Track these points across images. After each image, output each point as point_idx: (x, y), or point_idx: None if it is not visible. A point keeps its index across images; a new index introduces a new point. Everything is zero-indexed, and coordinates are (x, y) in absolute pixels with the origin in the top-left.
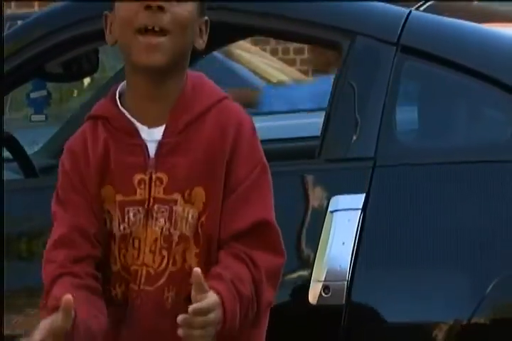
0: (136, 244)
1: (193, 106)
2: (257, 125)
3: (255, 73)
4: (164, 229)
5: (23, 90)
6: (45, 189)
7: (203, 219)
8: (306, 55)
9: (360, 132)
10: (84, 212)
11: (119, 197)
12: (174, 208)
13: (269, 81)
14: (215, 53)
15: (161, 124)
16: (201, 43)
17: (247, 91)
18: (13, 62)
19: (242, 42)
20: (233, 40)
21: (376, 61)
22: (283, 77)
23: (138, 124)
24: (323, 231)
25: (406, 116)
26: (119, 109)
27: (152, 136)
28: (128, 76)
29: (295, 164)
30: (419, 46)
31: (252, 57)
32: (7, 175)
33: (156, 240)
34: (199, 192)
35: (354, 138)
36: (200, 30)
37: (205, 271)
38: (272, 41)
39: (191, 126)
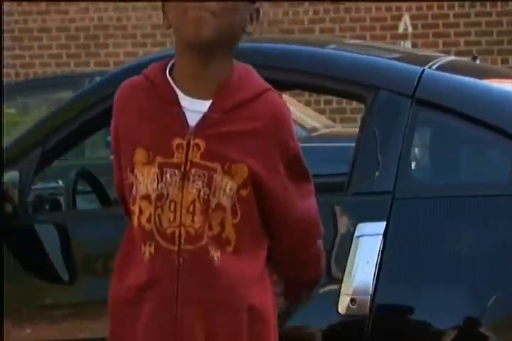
0: (172, 207)
1: (237, 93)
2: None
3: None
4: (202, 193)
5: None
6: (119, 216)
7: (241, 192)
8: (334, 106)
9: (382, 170)
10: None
11: (159, 159)
12: (214, 176)
13: (304, 127)
14: None
15: (206, 99)
16: (251, 29)
17: None
18: (92, 112)
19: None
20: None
21: (395, 111)
22: (315, 124)
23: (180, 93)
24: (350, 253)
25: (420, 157)
26: (166, 77)
27: (195, 106)
28: (177, 57)
29: (327, 196)
30: (432, 99)
31: (290, 107)
32: (87, 205)
33: (193, 201)
34: (241, 169)
35: (376, 174)
36: (251, 17)
37: (239, 242)
38: (306, 94)
39: (237, 110)
